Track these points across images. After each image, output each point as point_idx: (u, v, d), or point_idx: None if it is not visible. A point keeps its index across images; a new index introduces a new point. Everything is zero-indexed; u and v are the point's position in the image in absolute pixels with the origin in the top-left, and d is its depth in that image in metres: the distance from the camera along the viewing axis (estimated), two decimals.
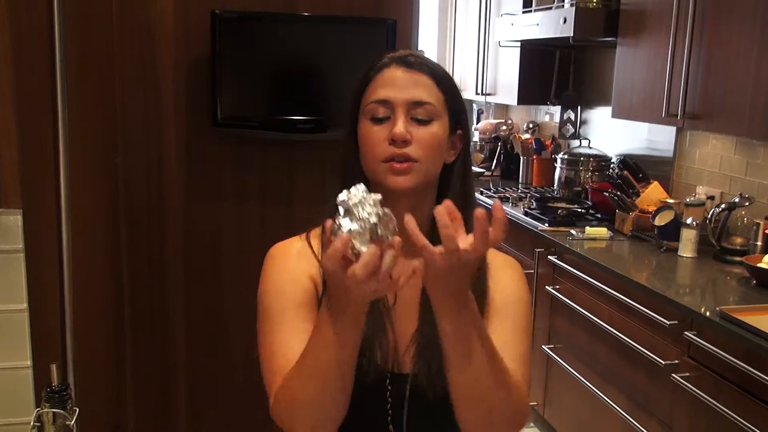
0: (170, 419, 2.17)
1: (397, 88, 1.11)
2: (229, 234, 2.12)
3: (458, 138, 1.17)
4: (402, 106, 1.10)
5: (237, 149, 2.09)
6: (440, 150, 1.13)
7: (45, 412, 1.00)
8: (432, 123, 1.11)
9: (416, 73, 1.12)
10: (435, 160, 1.12)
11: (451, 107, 1.14)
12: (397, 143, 1.09)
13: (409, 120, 1.10)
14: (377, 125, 1.11)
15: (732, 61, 2.51)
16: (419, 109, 1.10)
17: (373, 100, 1.11)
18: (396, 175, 1.09)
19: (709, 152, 3.12)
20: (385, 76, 1.12)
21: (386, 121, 1.11)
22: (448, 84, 1.15)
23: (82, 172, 1.45)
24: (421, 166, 1.10)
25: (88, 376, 1.48)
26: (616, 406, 2.66)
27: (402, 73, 1.12)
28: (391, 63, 1.13)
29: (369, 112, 1.12)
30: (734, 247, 2.74)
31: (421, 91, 1.11)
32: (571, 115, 4.19)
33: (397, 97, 1.10)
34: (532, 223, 3.37)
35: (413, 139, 1.09)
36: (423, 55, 1.17)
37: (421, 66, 1.13)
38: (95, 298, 1.69)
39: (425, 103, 1.11)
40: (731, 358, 2.06)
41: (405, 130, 1.09)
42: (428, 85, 1.12)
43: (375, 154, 1.10)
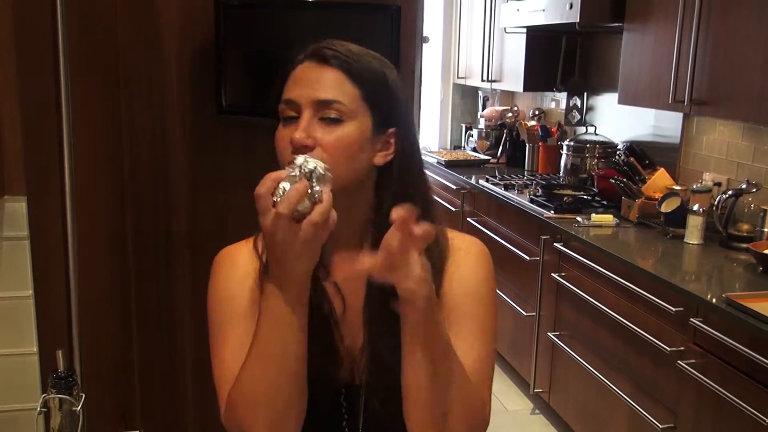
0: (176, 405, 2.18)
1: (303, 86, 1.01)
2: (235, 221, 2.12)
3: (391, 136, 1.05)
4: (307, 107, 1.00)
5: (242, 137, 2.09)
6: (353, 152, 1.01)
7: (51, 398, 1.01)
8: (343, 124, 1.00)
9: (327, 68, 1.01)
10: (347, 165, 1.00)
11: (374, 103, 1.03)
12: (296, 150, 0.98)
13: (317, 121, 1.00)
14: (286, 128, 1.02)
15: (739, 47, 2.49)
16: (327, 109, 1.00)
17: (283, 99, 1.03)
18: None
19: (716, 138, 3.10)
20: (297, 73, 1.03)
21: (295, 122, 1.00)
22: (369, 78, 1.03)
23: (86, 159, 1.45)
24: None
25: (94, 363, 1.49)
26: (621, 393, 2.67)
27: (311, 70, 1.02)
28: (305, 58, 1.04)
29: (281, 112, 1.03)
30: (741, 233, 2.73)
31: (328, 88, 1.00)
32: (578, 102, 4.17)
33: (301, 95, 1.00)
34: (538, 210, 3.37)
35: (318, 143, 0.99)
36: (343, 45, 1.04)
37: (332, 60, 1.01)
38: (101, 285, 1.69)
39: (332, 101, 1.00)
40: (737, 344, 2.06)
41: (305, 134, 0.98)
42: (338, 81, 1.01)
43: (282, 160, 1.01)
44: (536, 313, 3.34)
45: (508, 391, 3.63)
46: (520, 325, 3.54)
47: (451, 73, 5.34)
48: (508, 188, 3.84)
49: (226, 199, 2.10)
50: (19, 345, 1.26)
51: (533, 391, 3.41)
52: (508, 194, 3.72)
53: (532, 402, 3.52)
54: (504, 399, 3.55)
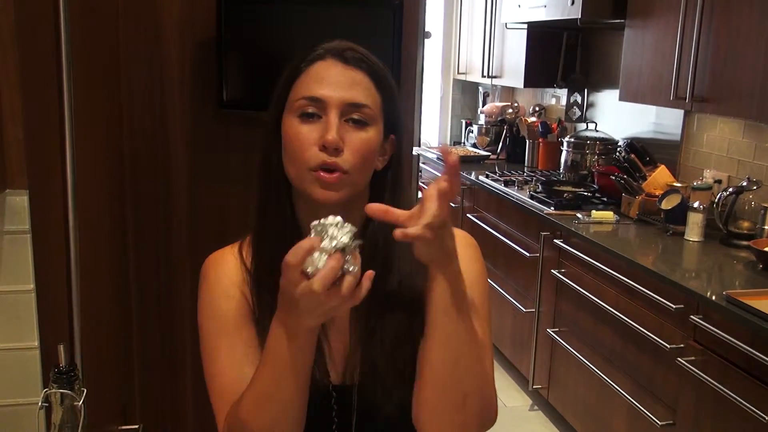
0: (177, 400, 2.18)
1: (332, 86, 0.98)
2: (236, 217, 2.12)
3: (390, 144, 1.06)
4: (336, 107, 0.97)
5: (243, 131, 2.09)
6: (372, 158, 1.01)
7: (53, 393, 1.01)
8: (367, 128, 0.99)
9: (354, 70, 1.00)
10: (366, 170, 1.01)
11: (388, 111, 1.03)
12: (328, 150, 0.96)
13: (342, 122, 0.98)
14: (306, 125, 0.98)
15: (741, 44, 2.49)
16: (356, 112, 0.98)
17: (304, 95, 0.99)
18: (324, 188, 0.98)
19: (716, 136, 3.10)
20: (319, 70, 1.00)
21: (316, 120, 0.98)
22: (388, 85, 1.03)
23: (88, 153, 1.44)
24: (350, 178, 0.99)
25: (95, 358, 1.49)
26: (621, 390, 2.67)
27: (338, 69, 0.99)
28: (326, 55, 1.01)
29: (298, 108, 0.99)
30: (741, 231, 2.73)
31: (359, 91, 0.99)
32: (578, 98, 4.17)
33: (332, 96, 0.97)
34: (538, 206, 3.37)
35: (346, 145, 0.97)
36: (362, 49, 1.03)
37: (359, 63, 1.00)
38: (102, 279, 1.69)
39: (362, 105, 0.99)
40: (737, 342, 2.06)
41: (339, 136, 0.96)
42: (366, 85, 1.00)
43: (303, 160, 0.98)
44: (536, 310, 3.35)
45: (507, 387, 3.63)
46: (520, 321, 3.54)
47: (451, 69, 5.33)
48: (508, 184, 3.84)
49: (227, 193, 2.10)
50: (20, 339, 1.26)
51: (532, 387, 3.41)
52: (508, 190, 3.72)
53: (530, 398, 3.53)
54: (503, 395, 3.55)
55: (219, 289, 1.08)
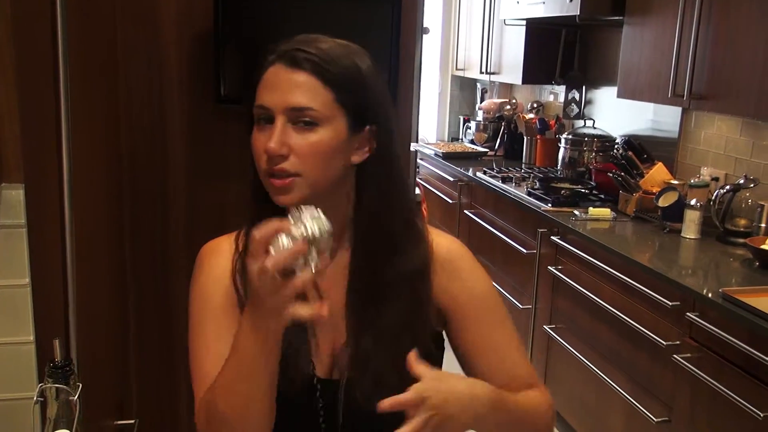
0: (173, 396, 2.18)
1: (275, 92, 0.99)
2: (234, 211, 2.11)
3: (369, 134, 1.04)
4: (280, 113, 0.98)
5: (241, 126, 2.08)
6: (329, 156, 1.00)
7: (48, 387, 1.00)
8: (317, 128, 0.99)
9: (298, 72, 0.99)
10: (324, 169, 1.00)
11: (349, 105, 1.01)
12: (271, 159, 0.98)
13: (291, 127, 0.99)
14: (260, 132, 1.00)
15: (740, 42, 2.49)
16: (301, 116, 0.99)
17: (255, 104, 1.01)
18: (276, 193, 1.00)
19: (714, 133, 3.10)
20: (268, 77, 1.01)
21: (270, 126, 0.99)
22: (342, 80, 1.00)
23: (84, 148, 1.44)
24: (303, 180, 0.99)
25: (91, 352, 1.48)
26: (617, 387, 2.67)
27: (283, 73, 0.99)
28: (275, 60, 1.01)
29: (255, 116, 1.01)
30: (738, 228, 2.73)
31: (300, 94, 0.98)
32: (576, 95, 4.17)
33: (274, 103, 0.99)
34: (535, 203, 3.37)
35: (293, 150, 0.98)
36: (318, 44, 1.01)
37: (304, 63, 0.99)
38: (99, 274, 1.69)
39: (305, 108, 0.98)
40: (733, 339, 2.07)
41: (279, 142, 0.97)
42: (311, 86, 0.99)
43: (259, 166, 1.01)
44: (532, 306, 3.35)
45: None
46: (516, 317, 3.54)
47: (449, 65, 5.33)
48: (505, 181, 3.83)
49: (224, 188, 2.09)
50: (15, 333, 1.26)
51: None
52: (506, 187, 3.72)
53: None
54: None
55: (211, 278, 1.10)
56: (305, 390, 1.06)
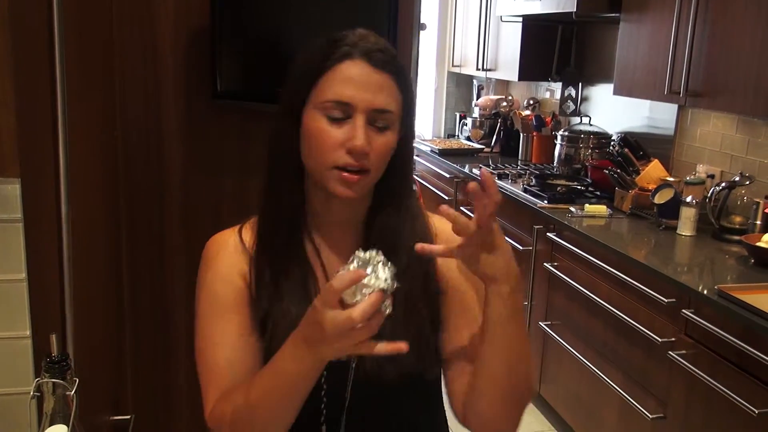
0: (169, 391, 2.18)
1: (360, 90, 1.00)
2: (230, 208, 2.11)
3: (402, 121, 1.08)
4: (363, 112, 1.00)
5: (238, 122, 2.08)
6: (389, 157, 1.06)
7: (45, 382, 1.00)
8: (388, 131, 1.03)
9: (382, 74, 1.01)
10: (384, 168, 1.06)
11: (406, 107, 1.06)
12: (355, 156, 1.00)
13: (367, 126, 1.01)
14: (333, 126, 1.01)
15: (736, 39, 2.49)
16: (380, 118, 1.01)
17: (332, 99, 1.00)
18: (346, 186, 1.02)
19: (710, 130, 3.11)
20: (348, 71, 1.00)
21: (343, 122, 1.00)
22: (409, 86, 1.06)
23: (81, 143, 1.44)
24: (371, 177, 1.04)
25: (87, 347, 1.48)
26: (612, 383, 2.68)
27: (367, 72, 1.00)
28: (354, 54, 1.01)
29: (324, 108, 1.01)
30: (733, 226, 2.74)
31: (386, 97, 1.01)
32: (572, 92, 4.17)
33: (361, 101, 1.00)
34: (531, 199, 3.37)
35: (371, 148, 1.01)
36: (389, 48, 1.04)
37: (387, 66, 1.01)
38: (95, 270, 1.68)
39: (387, 111, 1.02)
40: (728, 336, 2.07)
41: (366, 142, 0.99)
42: (392, 90, 1.02)
43: (328, 158, 1.01)
44: (528, 303, 3.35)
45: None
46: None
47: (446, 61, 5.32)
48: (501, 178, 3.84)
49: (221, 184, 2.09)
50: (11, 328, 1.25)
51: None
52: (502, 183, 3.72)
53: None
54: None
55: (218, 272, 1.10)
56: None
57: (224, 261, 1.11)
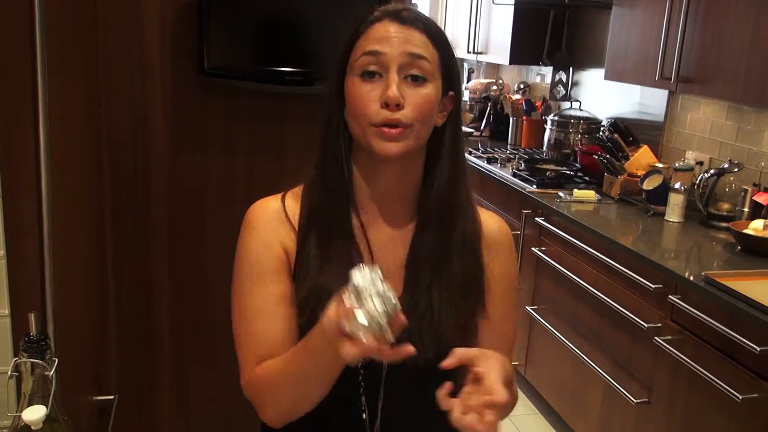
0: (153, 371, 2.16)
1: (390, 42, 1.03)
2: (216, 187, 2.09)
3: (449, 100, 1.11)
4: (395, 63, 1.03)
5: (225, 100, 2.05)
6: (432, 112, 1.06)
7: (23, 362, 0.98)
8: (426, 83, 1.05)
9: (410, 28, 1.05)
10: (427, 124, 1.06)
11: (445, 68, 1.08)
12: (390, 107, 1.02)
13: (402, 80, 1.03)
14: (368, 83, 1.04)
15: (728, 26, 2.48)
16: (414, 66, 1.03)
17: (364, 51, 1.04)
18: (386, 141, 1.03)
19: (699, 117, 3.11)
20: (378, 30, 1.05)
21: (377, 78, 1.03)
22: (443, 43, 1.08)
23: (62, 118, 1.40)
24: (412, 132, 1.04)
25: (68, 327, 1.46)
26: (598, 368, 2.69)
27: (396, 28, 1.04)
28: (383, 17, 1.06)
29: (359, 67, 1.04)
30: (721, 212, 2.74)
31: (418, 46, 1.04)
32: (563, 77, 4.16)
33: (391, 51, 1.03)
34: (520, 184, 3.36)
35: (406, 101, 1.03)
36: (417, 10, 1.09)
37: (415, 22, 1.05)
38: (77, 247, 1.66)
39: (421, 57, 1.04)
40: (713, 321, 2.08)
41: (399, 92, 1.02)
42: (423, 42, 1.05)
43: (365, 116, 1.03)
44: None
45: None
46: None
47: None
48: (491, 162, 3.83)
49: (206, 162, 2.06)
50: None
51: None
52: (491, 168, 3.71)
53: None
54: None
55: (261, 238, 1.11)
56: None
57: (267, 227, 1.11)
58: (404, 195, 1.13)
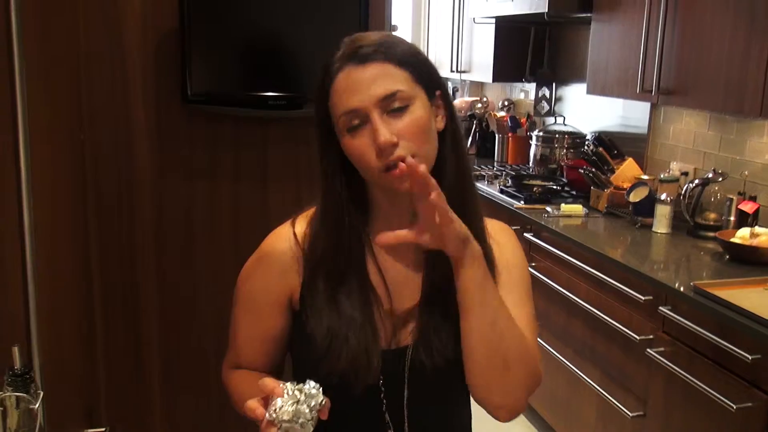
0: (144, 401, 2.14)
1: (359, 90, 1.01)
2: (202, 213, 2.08)
3: (439, 98, 1.09)
4: (373, 108, 1.01)
5: (208, 126, 2.05)
6: (429, 129, 1.05)
7: (7, 396, 0.97)
8: (409, 107, 1.03)
9: (372, 65, 1.02)
10: (429, 142, 1.05)
11: (421, 78, 1.06)
12: (385, 152, 1.00)
13: (387, 116, 1.02)
14: (358, 137, 1.02)
15: (706, 36, 2.51)
16: (392, 101, 1.01)
17: (341, 113, 1.03)
18: (401, 182, 1.01)
19: (682, 128, 3.13)
20: (343, 83, 1.03)
21: (364, 127, 1.02)
22: (408, 56, 1.05)
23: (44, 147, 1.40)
24: (419, 160, 1.00)
25: (55, 359, 1.44)
26: (591, 382, 2.68)
27: (358, 74, 1.02)
28: (343, 65, 1.03)
29: (343, 126, 1.03)
30: (708, 222, 2.75)
31: (384, 81, 1.02)
32: (546, 92, 4.18)
33: (363, 101, 1.01)
34: (508, 200, 3.37)
35: (399, 135, 1.01)
36: (370, 38, 1.05)
37: (374, 55, 1.02)
38: (62, 277, 1.64)
39: (395, 92, 1.01)
40: (705, 332, 2.08)
41: (387, 134, 1.00)
42: (388, 72, 1.02)
43: (370, 168, 1.03)
44: None
45: None
46: None
47: None
48: (478, 179, 3.83)
49: (191, 188, 2.06)
50: None
51: None
52: (478, 185, 3.70)
53: None
54: None
55: (266, 278, 1.14)
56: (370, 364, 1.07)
57: (273, 269, 1.13)
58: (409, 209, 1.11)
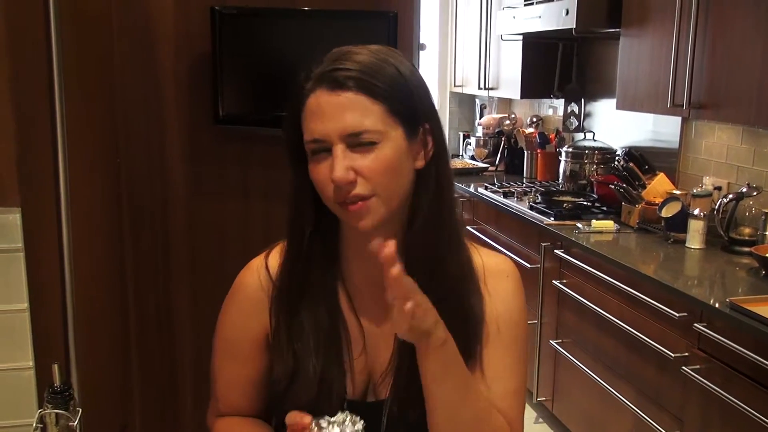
0: (177, 418, 2.16)
1: (326, 119, 0.93)
2: (234, 232, 2.11)
3: (426, 133, 1.00)
4: (338, 140, 0.93)
5: (240, 147, 2.08)
6: (397, 169, 0.96)
7: (47, 413, 0.99)
8: (377, 146, 0.94)
9: (344, 92, 0.93)
10: (394, 184, 0.96)
11: (402, 113, 0.96)
12: (339, 188, 0.93)
13: (349, 153, 0.93)
14: (320, 164, 0.95)
15: (738, 49, 2.49)
16: (358, 137, 0.93)
17: (307, 139, 0.95)
18: (356, 218, 0.95)
19: (714, 142, 3.09)
20: (312, 106, 0.95)
21: (328, 156, 0.94)
22: (388, 89, 0.95)
23: (82, 169, 1.43)
24: (378, 200, 0.95)
25: (92, 376, 1.46)
26: (626, 401, 2.64)
27: (327, 98, 0.93)
28: (316, 86, 0.95)
29: (309, 151, 0.96)
30: (743, 237, 2.71)
31: (352, 117, 0.92)
32: (575, 108, 4.17)
33: (327, 131, 0.93)
34: (538, 217, 3.35)
35: (360, 173, 0.93)
36: (354, 58, 0.96)
37: (349, 82, 0.93)
38: (98, 297, 1.67)
39: (360, 132, 0.93)
40: (741, 349, 2.04)
41: (344, 169, 0.92)
42: (360, 105, 0.93)
43: (328, 198, 0.96)
44: (538, 321, 3.32)
45: None
46: None
47: (447, 81, 5.34)
48: (507, 196, 3.82)
49: (224, 208, 2.09)
50: (14, 359, 1.24)
51: (536, 399, 3.38)
52: (508, 202, 3.71)
53: (535, 411, 3.50)
54: None
55: (240, 317, 1.11)
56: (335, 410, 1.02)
57: (246, 305, 1.10)
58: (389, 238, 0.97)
